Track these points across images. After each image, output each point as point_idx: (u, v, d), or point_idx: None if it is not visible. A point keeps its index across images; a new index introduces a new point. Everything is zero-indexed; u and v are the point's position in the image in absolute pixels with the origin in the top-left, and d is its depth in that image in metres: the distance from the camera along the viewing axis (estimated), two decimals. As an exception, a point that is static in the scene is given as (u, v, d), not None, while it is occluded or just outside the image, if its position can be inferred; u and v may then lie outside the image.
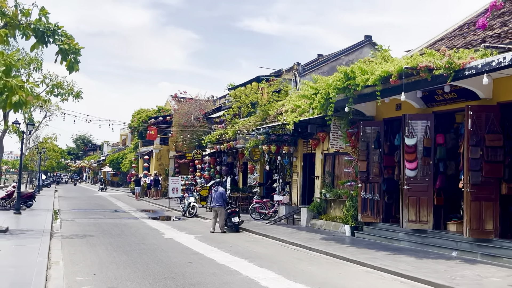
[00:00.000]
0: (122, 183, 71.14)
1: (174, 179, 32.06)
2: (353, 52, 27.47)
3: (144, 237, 16.36)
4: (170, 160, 43.80)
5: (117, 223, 20.82)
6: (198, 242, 15.44)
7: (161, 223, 21.56)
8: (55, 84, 15.91)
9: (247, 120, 25.79)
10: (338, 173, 19.06)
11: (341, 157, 18.81)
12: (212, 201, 19.09)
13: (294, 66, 25.85)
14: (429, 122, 14.49)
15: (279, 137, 21.46)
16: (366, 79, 13.24)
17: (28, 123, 22.68)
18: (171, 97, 46.00)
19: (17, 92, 5.22)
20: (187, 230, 18.69)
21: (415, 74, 12.60)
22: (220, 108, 36.51)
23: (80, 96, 16.50)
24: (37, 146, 46.96)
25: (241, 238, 16.92)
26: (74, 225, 20.02)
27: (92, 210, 28.20)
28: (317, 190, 20.01)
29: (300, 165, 21.63)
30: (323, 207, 19.39)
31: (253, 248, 14.36)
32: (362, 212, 16.42)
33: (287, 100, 21.08)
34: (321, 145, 19.78)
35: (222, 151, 30.69)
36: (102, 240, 15.57)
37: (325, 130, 19.29)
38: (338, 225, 17.90)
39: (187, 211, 24.80)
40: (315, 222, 19.26)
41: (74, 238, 15.86)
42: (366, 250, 13.47)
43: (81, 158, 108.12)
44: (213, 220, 18.93)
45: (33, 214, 23.19)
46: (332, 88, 14.36)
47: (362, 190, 16.44)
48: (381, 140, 16.23)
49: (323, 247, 14.01)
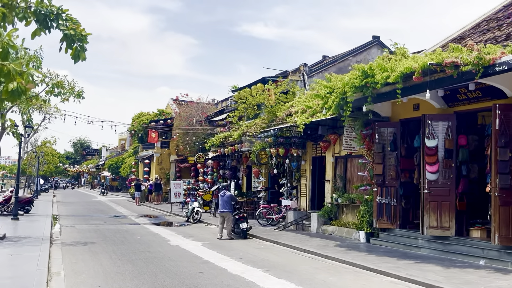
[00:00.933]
0: (121, 188, 70.24)
1: (176, 183, 31.23)
2: (361, 52, 26.81)
3: (149, 245, 15.54)
4: (171, 164, 42.98)
5: (119, 229, 19.99)
6: (206, 250, 14.62)
7: (164, 229, 20.73)
8: (55, 83, 15.11)
9: (253, 123, 25.02)
10: (351, 177, 18.27)
11: (354, 160, 18.04)
12: (220, 206, 18.28)
13: (301, 67, 25.11)
14: (451, 123, 13.72)
15: (288, 139, 20.67)
16: (387, 77, 12.48)
17: (26, 126, 21.87)
18: (172, 100, 45.21)
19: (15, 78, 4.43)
20: (193, 237, 17.87)
21: (439, 71, 11.85)
22: (223, 110, 35.72)
23: (81, 96, 15.72)
24: (35, 150, 46.05)
25: (250, 245, 16.11)
26: (74, 231, 19.19)
27: (92, 215, 27.35)
28: (327, 194, 19.21)
29: (309, 169, 20.84)
30: (334, 213, 18.58)
31: (265, 256, 13.55)
32: (378, 217, 15.62)
33: (296, 101, 20.31)
34: (332, 147, 18.99)
35: (225, 155, 29.87)
36: (104, 247, 14.74)
37: (336, 132, 18.52)
38: (351, 231, 17.10)
39: (191, 216, 23.99)
40: (327, 228, 18.46)
41: (75, 246, 15.04)
42: (386, 258, 12.66)
43: (79, 163, 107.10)
44: (220, 226, 18.13)
45: (32, 220, 22.35)
46: (349, 86, 13.59)
47: (377, 195, 15.64)
48: (397, 142, 15.46)
49: (340, 255, 13.19)
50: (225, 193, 18.29)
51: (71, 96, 15.49)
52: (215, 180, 32.07)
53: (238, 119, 25.54)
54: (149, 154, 44.11)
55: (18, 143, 22.36)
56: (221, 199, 18.20)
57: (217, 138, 28.77)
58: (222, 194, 18.41)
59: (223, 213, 17.92)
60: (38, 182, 49.63)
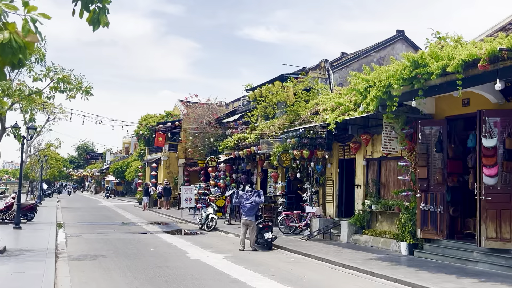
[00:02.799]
0: (126, 192, 68.62)
1: (187, 188, 29.55)
2: (384, 48, 25.16)
3: (166, 258, 13.87)
4: (179, 168, 41.28)
5: (129, 239, 18.32)
6: (231, 265, 12.94)
7: (179, 239, 19.05)
8: (60, 78, 13.49)
9: (270, 123, 23.36)
10: (386, 181, 16.59)
11: (390, 163, 16.37)
12: (243, 213, 16.57)
13: (322, 64, 23.46)
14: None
15: (312, 140, 19.01)
16: (444, 66, 10.81)
17: (29, 127, 20.24)
18: (180, 101, 43.48)
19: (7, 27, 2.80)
20: (212, 248, 16.20)
21: (506, 59, 10.20)
22: (234, 111, 34.09)
23: (90, 92, 14.09)
24: (39, 154, 44.41)
25: (278, 258, 14.43)
26: (81, 242, 17.54)
27: (99, 223, 25.69)
28: (358, 200, 17.53)
29: (336, 172, 19.15)
30: (367, 221, 16.89)
31: (301, 273, 11.87)
32: (422, 227, 13.92)
33: (322, 98, 18.64)
34: (364, 149, 17.32)
35: (239, 158, 28.25)
36: (117, 262, 13.08)
37: (368, 131, 16.85)
38: (389, 242, 15.41)
39: (205, 224, 22.32)
40: (359, 238, 16.76)
41: (84, 260, 13.38)
42: (443, 276, 10.96)
43: (83, 167, 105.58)
44: (242, 236, 16.43)
45: (35, 228, 20.72)
46: (395, 78, 11.92)
47: (421, 201, 13.95)
48: (444, 142, 13.78)
49: (388, 271, 11.50)
50: (250, 197, 16.58)
51: (78, 92, 13.87)
52: (228, 184, 30.40)
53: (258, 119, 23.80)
54: (157, 157, 42.38)
55: (20, 146, 20.67)
56: (244, 205, 16.47)
57: (231, 140, 27.11)
58: (247, 198, 16.68)
59: (247, 221, 16.22)
60: (41, 187, 47.97)
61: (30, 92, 13.76)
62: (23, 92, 13.64)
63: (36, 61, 13.75)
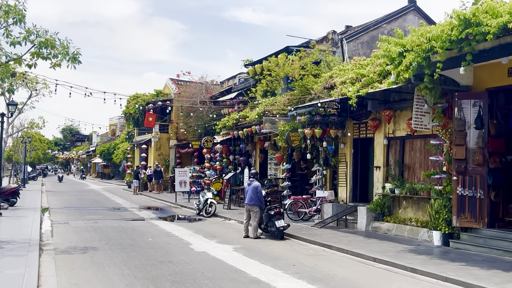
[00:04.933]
0: (113, 175, 66.56)
1: (182, 171, 27.67)
2: (396, 19, 23.40)
3: (167, 250, 12.08)
4: (171, 150, 39.31)
5: (123, 227, 16.49)
6: (244, 259, 11.18)
7: (177, 226, 17.26)
8: (43, 42, 11.51)
9: (273, 100, 21.50)
10: (410, 163, 14.86)
11: (416, 142, 14.66)
12: (246, 197, 14.93)
13: (329, 35, 21.59)
14: None
15: (325, 118, 17.22)
16: (506, 22, 9.02)
17: (9, 103, 18.20)
18: (171, 80, 41.40)
19: None
20: (217, 237, 14.43)
21: None
22: (230, 89, 32.18)
23: (77, 59, 12.10)
24: (22, 134, 42.15)
25: (295, 249, 12.70)
26: (69, 230, 15.68)
27: (87, 208, 23.79)
28: (377, 184, 15.82)
29: (350, 153, 17.41)
30: (388, 206, 15.21)
31: (328, 269, 10.14)
32: (459, 214, 12.25)
33: (337, 70, 16.79)
34: (385, 126, 15.57)
35: (236, 139, 26.42)
36: (111, 256, 11.26)
37: (391, 107, 15.10)
38: (416, 231, 13.75)
39: (204, 209, 20.55)
40: (379, 226, 15.09)
41: (73, 253, 11.54)
42: (500, 273, 9.28)
43: (68, 149, 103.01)
44: (245, 222, 14.85)
45: (17, 215, 18.80)
46: (440, 41, 10.11)
47: (458, 185, 12.26)
48: (484, 118, 12.06)
49: (433, 267, 9.80)
50: (252, 182, 14.89)
51: (64, 59, 11.90)
52: (224, 166, 28.58)
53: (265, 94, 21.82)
54: (147, 138, 40.35)
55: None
56: (248, 189, 14.84)
57: (229, 119, 25.21)
58: (249, 183, 15.02)
59: (249, 206, 14.58)
60: (25, 169, 45.81)
61: (7, 57, 11.76)
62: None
63: (14, 22, 11.73)
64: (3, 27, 11.91)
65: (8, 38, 11.97)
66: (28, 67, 12.03)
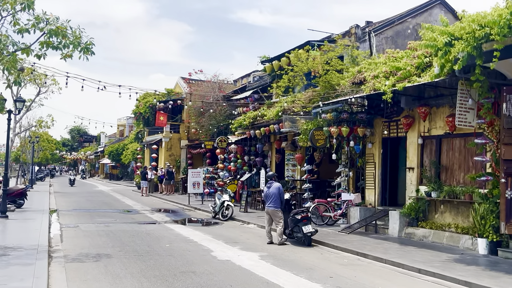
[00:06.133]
0: (122, 176, 65.63)
1: (195, 172, 26.62)
2: (421, 13, 22.20)
3: (187, 258, 11.03)
4: (182, 150, 38.28)
5: (136, 231, 15.47)
6: (274, 269, 10.11)
7: (194, 231, 16.21)
8: (53, 30, 10.51)
9: (292, 97, 20.43)
10: (449, 163, 13.72)
11: (455, 141, 13.54)
12: (266, 200, 13.88)
13: (352, 30, 20.47)
14: None
15: (352, 116, 16.13)
16: None
17: (16, 100, 17.22)
18: (182, 79, 40.38)
19: None
20: (239, 244, 13.36)
21: None
22: (244, 88, 31.10)
23: (90, 50, 11.11)
24: (30, 134, 41.22)
25: (326, 258, 11.62)
26: (79, 235, 14.67)
27: (97, 210, 22.80)
28: (410, 187, 14.70)
29: (378, 153, 16.30)
30: (423, 211, 14.09)
31: (371, 282, 9.06)
32: (507, 220, 11.13)
33: (366, 64, 15.69)
34: (419, 124, 14.45)
35: (251, 139, 25.38)
36: (127, 265, 10.22)
37: (427, 103, 13.99)
38: (456, 238, 12.62)
39: (220, 212, 19.49)
40: (414, 232, 13.97)
41: (85, 262, 10.50)
42: None
43: (76, 150, 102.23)
44: (266, 226, 13.86)
45: (24, 217, 17.83)
46: (498, 27, 9.01)
47: (507, 188, 11.14)
48: (537, 114, 10.94)
49: (489, 281, 8.70)
50: (272, 184, 13.83)
51: (76, 50, 10.90)
52: (239, 167, 27.52)
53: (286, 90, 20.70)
54: (157, 139, 39.32)
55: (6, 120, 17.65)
56: (268, 191, 13.77)
57: (245, 118, 24.15)
58: (269, 185, 13.95)
59: (272, 210, 13.54)
60: (33, 170, 44.91)
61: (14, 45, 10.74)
62: (5, 47, 10.64)
63: (22, 8, 10.73)
64: (11, 13, 10.88)
65: (15, 27, 10.95)
66: (37, 57, 11.01)
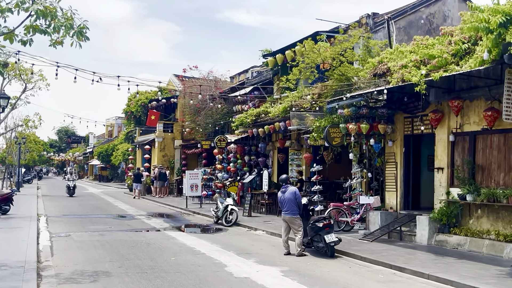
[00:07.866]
0: (112, 178, 63.87)
1: (193, 173, 25.08)
2: (434, 3, 20.86)
3: (199, 276, 9.51)
4: (176, 150, 36.63)
5: (135, 241, 13.92)
6: (303, 288, 8.64)
7: (198, 239, 14.70)
8: (41, 10, 8.93)
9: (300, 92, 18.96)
10: (485, 163, 12.31)
11: (493, 138, 12.14)
12: (282, 207, 12.40)
13: (362, 20, 19.04)
14: None
15: (372, 111, 14.70)
16: None
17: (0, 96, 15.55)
18: (175, 76, 38.72)
19: None
20: (253, 256, 11.86)
21: None
22: (243, 84, 29.59)
23: (84, 35, 9.57)
24: (16, 135, 39.38)
25: (356, 272, 10.17)
26: (72, 246, 13.08)
27: (89, 215, 21.16)
28: (439, 189, 13.29)
29: (401, 152, 14.88)
30: (455, 216, 12.68)
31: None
32: None
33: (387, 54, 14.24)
34: (450, 120, 13.04)
35: (252, 138, 23.90)
36: (129, 285, 8.73)
37: (460, 96, 12.57)
38: (498, 246, 11.24)
39: (224, 217, 17.98)
40: (446, 239, 12.55)
41: (81, 283, 8.93)
42: None
43: (64, 151, 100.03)
44: (284, 236, 12.35)
45: (10, 226, 16.21)
46: None
47: None
48: None
49: None
50: (287, 188, 12.35)
51: (68, 34, 9.36)
52: (239, 168, 26.03)
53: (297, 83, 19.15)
54: (150, 138, 37.66)
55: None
56: (282, 196, 12.28)
57: (247, 116, 22.64)
58: (283, 190, 12.44)
59: (289, 217, 12.07)
60: (19, 172, 43.04)
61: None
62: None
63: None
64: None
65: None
66: (22, 43, 9.40)
